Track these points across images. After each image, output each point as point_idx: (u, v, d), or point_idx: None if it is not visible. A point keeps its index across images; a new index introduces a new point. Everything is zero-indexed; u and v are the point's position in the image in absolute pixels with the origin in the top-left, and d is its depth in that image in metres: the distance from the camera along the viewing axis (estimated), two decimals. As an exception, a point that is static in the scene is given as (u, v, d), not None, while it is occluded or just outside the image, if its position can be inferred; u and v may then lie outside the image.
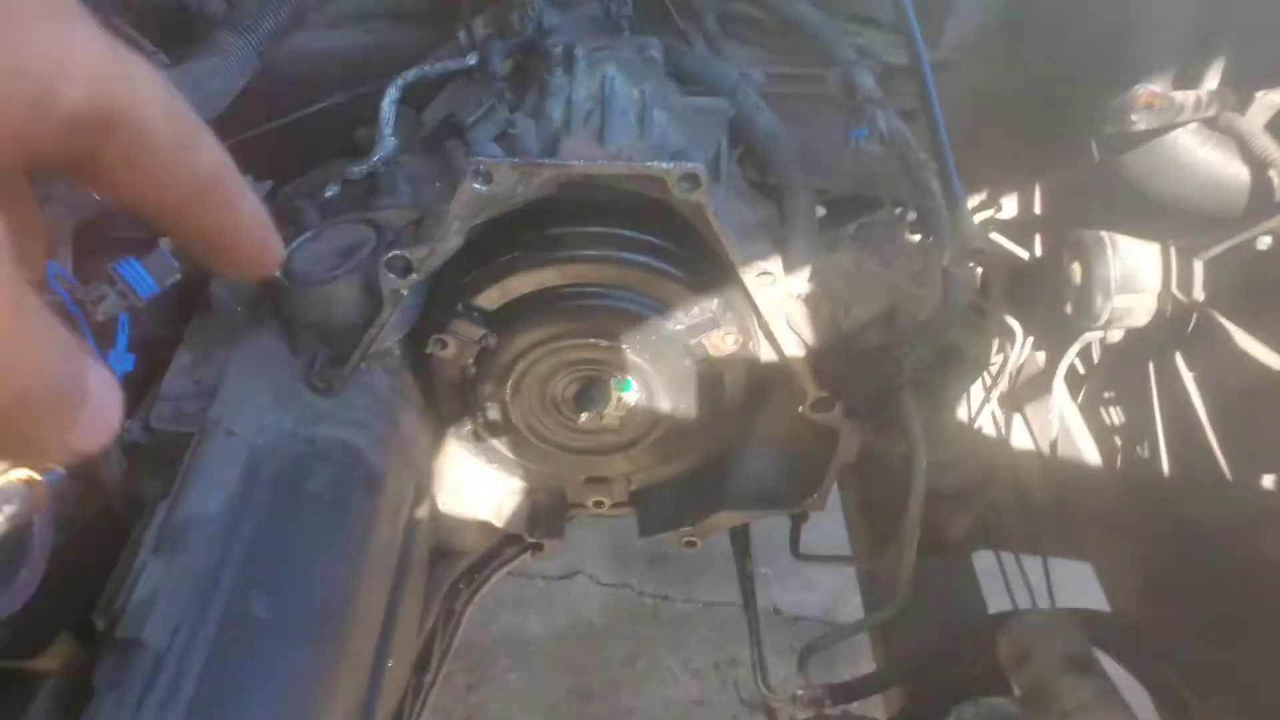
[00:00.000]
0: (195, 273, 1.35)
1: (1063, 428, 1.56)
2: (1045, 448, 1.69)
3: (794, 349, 1.23)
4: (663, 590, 2.79)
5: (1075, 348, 1.48)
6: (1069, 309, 1.42)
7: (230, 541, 1.00)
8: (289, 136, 1.37)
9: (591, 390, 1.28)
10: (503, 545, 1.56)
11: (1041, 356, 1.76)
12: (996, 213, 1.54)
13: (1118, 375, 1.59)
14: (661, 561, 2.85)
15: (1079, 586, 1.70)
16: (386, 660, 1.12)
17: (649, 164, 1.02)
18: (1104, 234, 1.33)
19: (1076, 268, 1.38)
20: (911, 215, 1.51)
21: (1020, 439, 1.76)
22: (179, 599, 0.93)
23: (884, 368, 1.25)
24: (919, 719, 1.27)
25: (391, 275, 1.12)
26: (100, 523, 1.04)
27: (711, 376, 1.28)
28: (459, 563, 1.49)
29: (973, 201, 1.57)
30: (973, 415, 1.62)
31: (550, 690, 2.54)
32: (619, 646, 2.64)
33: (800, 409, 1.29)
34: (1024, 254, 1.59)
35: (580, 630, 2.68)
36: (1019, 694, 1.14)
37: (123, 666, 0.88)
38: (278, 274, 1.21)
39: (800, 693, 1.32)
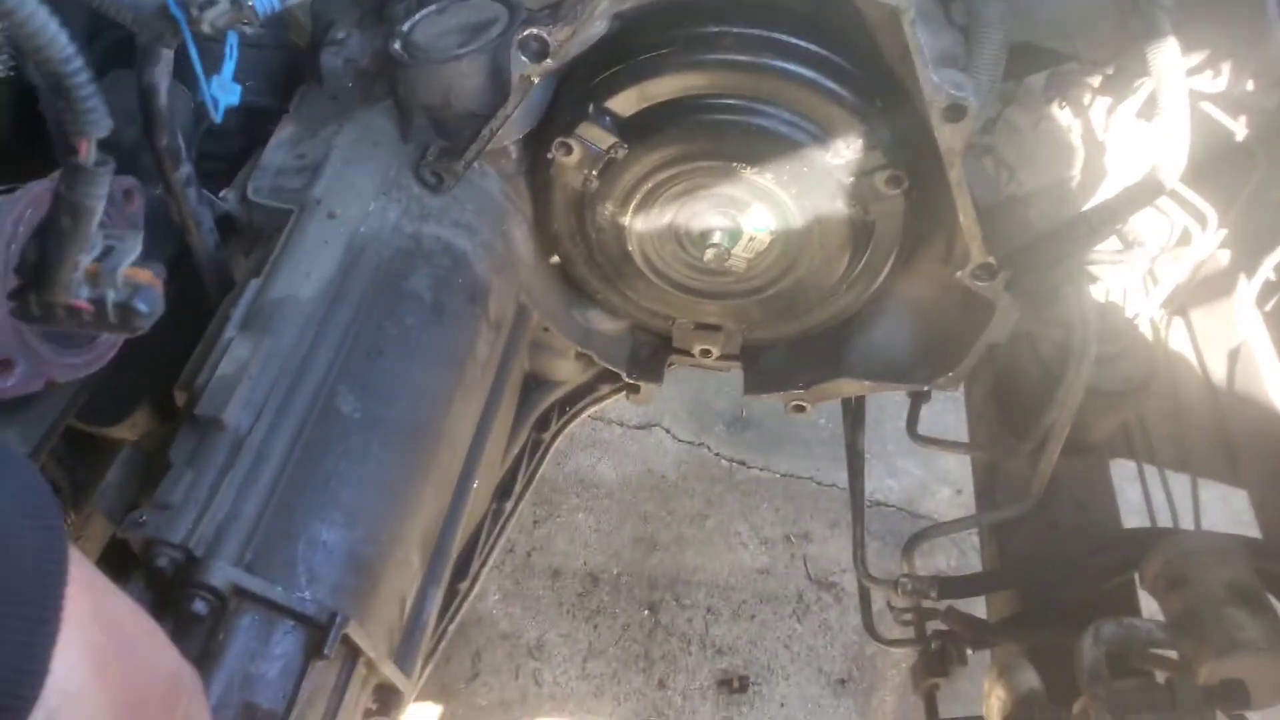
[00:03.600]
0: (305, 39, 1.23)
1: (1244, 340, 1.37)
2: (1212, 357, 1.50)
3: (966, 203, 1.07)
4: (740, 455, 2.70)
5: (1283, 248, 1.28)
6: (1286, 201, 1.21)
7: (324, 329, 0.92)
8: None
9: (722, 224, 1.15)
10: (598, 381, 1.47)
11: (1224, 257, 1.56)
12: (1215, 78, 1.31)
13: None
14: (741, 427, 2.76)
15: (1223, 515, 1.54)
16: (472, 480, 1.04)
17: (848, -52, 0.84)
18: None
19: (1310, 152, 1.16)
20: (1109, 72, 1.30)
21: (1181, 344, 1.57)
22: (264, 382, 0.84)
23: (1063, 245, 1.08)
24: (1033, 625, 1.16)
25: (524, 58, 0.98)
26: (189, 294, 0.96)
27: (863, 224, 1.13)
28: (552, 392, 1.40)
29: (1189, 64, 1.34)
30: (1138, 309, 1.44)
31: (616, 535, 2.51)
32: (689, 503, 2.59)
33: (958, 274, 1.13)
34: (1240, 131, 1.36)
35: (652, 481, 2.63)
36: (1168, 620, 1.02)
37: (201, 445, 0.81)
38: (396, 46, 1.08)
39: (904, 580, 1.21)
